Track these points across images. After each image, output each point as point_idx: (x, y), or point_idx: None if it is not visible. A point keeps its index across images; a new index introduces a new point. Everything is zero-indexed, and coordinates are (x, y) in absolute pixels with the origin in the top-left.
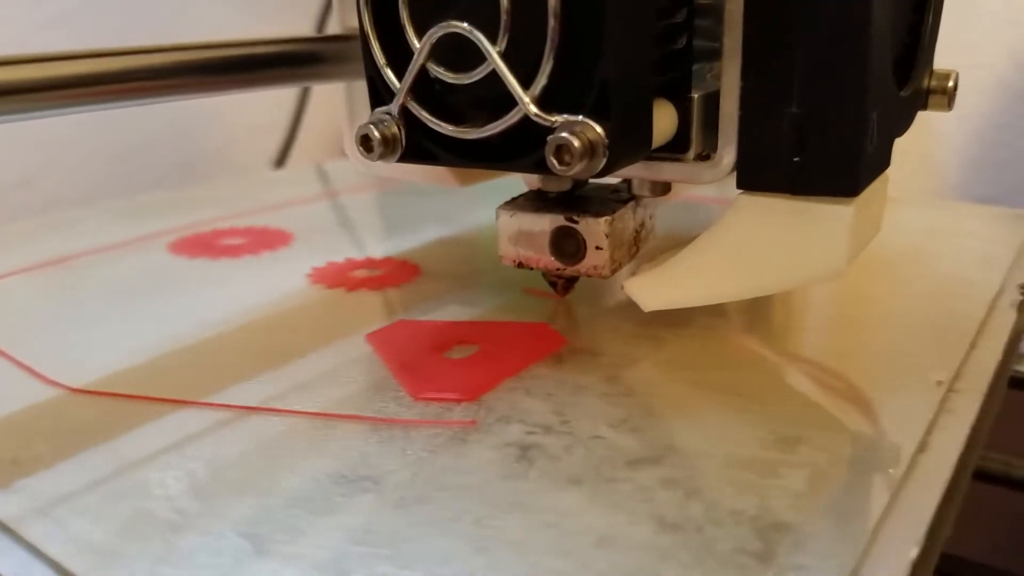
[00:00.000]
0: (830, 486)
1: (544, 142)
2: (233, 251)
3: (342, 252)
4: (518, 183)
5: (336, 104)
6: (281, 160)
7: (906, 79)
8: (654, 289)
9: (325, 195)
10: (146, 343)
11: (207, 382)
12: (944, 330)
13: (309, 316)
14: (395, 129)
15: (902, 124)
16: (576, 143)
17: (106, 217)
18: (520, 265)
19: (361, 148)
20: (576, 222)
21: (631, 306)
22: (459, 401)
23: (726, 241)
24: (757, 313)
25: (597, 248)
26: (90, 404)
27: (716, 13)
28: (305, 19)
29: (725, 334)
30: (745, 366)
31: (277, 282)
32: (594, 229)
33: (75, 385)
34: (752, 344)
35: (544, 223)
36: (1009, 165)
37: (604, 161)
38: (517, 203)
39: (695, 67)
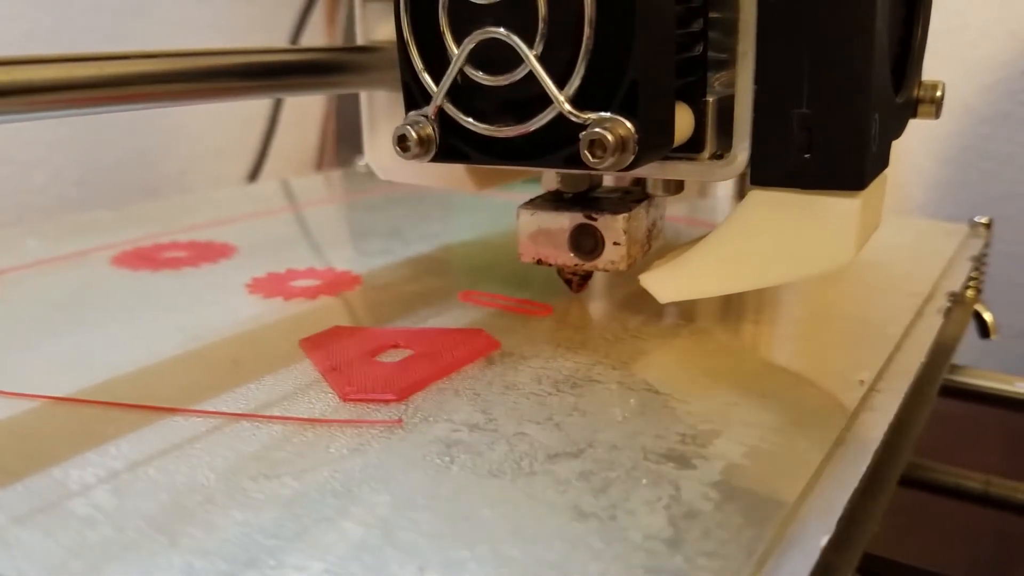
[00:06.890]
0: (744, 476)
1: (574, 139)
2: (174, 263)
3: (284, 264)
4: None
5: (304, 127)
6: (250, 182)
7: (899, 86)
8: (669, 282)
9: (279, 210)
10: (80, 353)
11: (135, 387)
12: (871, 334)
13: (244, 324)
14: (430, 130)
15: (898, 128)
16: (610, 138)
17: (47, 233)
18: (539, 262)
19: (398, 148)
20: (595, 219)
21: (571, 311)
22: (387, 401)
23: (739, 234)
24: (698, 313)
25: (615, 244)
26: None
27: (725, 25)
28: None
29: (655, 334)
30: (669, 365)
31: (215, 293)
32: (612, 226)
33: None
34: (680, 344)
35: (563, 221)
36: (974, 186)
37: (633, 156)
38: (536, 203)
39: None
